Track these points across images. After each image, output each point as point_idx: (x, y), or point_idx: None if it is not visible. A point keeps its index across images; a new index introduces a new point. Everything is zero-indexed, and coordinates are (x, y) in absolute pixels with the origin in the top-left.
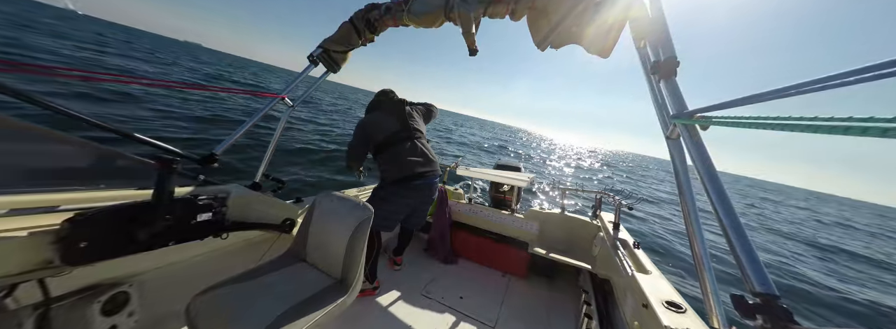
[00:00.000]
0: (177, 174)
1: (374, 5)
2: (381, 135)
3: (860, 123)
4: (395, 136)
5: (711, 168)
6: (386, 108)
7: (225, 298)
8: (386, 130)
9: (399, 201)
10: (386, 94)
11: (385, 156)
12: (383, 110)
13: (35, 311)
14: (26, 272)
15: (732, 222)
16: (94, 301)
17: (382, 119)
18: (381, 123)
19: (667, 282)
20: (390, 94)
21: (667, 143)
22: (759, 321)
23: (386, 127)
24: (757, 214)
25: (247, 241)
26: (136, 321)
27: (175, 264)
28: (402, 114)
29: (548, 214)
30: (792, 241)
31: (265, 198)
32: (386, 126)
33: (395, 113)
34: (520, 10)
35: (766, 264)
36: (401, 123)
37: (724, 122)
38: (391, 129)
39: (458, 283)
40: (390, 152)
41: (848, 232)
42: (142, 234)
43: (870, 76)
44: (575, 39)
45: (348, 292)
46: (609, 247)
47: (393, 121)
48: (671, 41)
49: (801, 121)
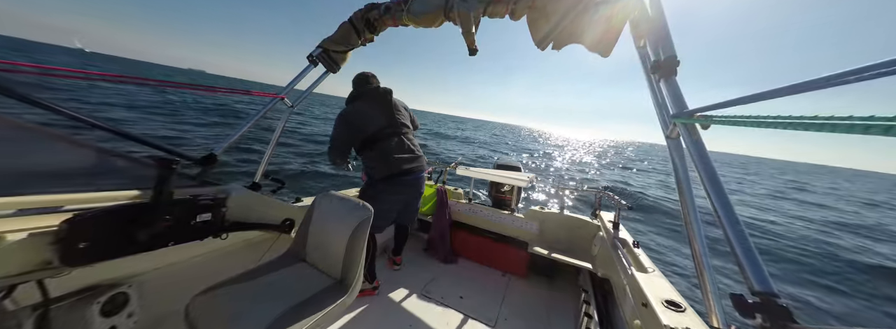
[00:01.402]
0: (176, 174)
1: (373, 5)
2: (368, 129)
3: (862, 122)
4: (381, 131)
5: (711, 167)
6: (370, 98)
7: (224, 299)
8: (372, 125)
9: (390, 199)
10: (367, 80)
11: (372, 153)
12: (366, 101)
13: (34, 311)
14: (25, 273)
15: (732, 221)
16: (93, 302)
17: (367, 112)
18: (366, 117)
19: (666, 281)
20: (372, 80)
21: (667, 143)
22: (758, 320)
23: (372, 121)
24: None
25: (246, 241)
26: (136, 322)
27: (175, 265)
28: (389, 106)
29: (547, 214)
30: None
31: (265, 198)
32: (372, 120)
33: (381, 105)
34: (519, 9)
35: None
36: (387, 118)
37: (724, 122)
38: (378, 124)
39: (458, 283)
40: (377, 149)
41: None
42: (141, 235)
43: (870, 75)
44: (575, 39)
45: (348, 292)
46: (609, 246)
47: (378, 114)
48: (671, 40)
49: (801, 119)
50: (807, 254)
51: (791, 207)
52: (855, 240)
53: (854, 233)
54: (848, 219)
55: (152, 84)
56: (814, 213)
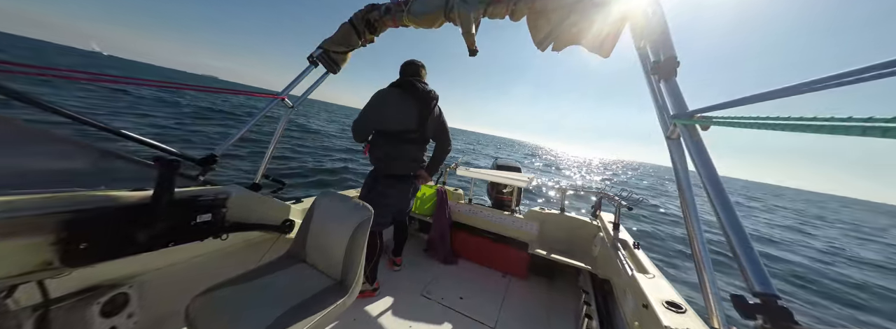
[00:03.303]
0: (177, 175)
1: (373, 6)
2: (392, 123)
3: (860, 123)
4: (405, 133)
5: (712, 168)
6: (410, 94)
7: (224, 299)
8: (400, 122)
9: (392, 193)
10: (416, 71)
11: (388, 149)
12: (405, 92)
13: (34, 312)
14: (26, 273)
15: (732, 222)
16: (93, 302)
17: (400, 104)
18: (396, 109)
19: (667, 282)
20: (420, 72)
21: (667, 144)
22: (759, 321)
23: (400, 117)
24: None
25: (246, 241)
26: (136, 322)
27: (175, 265)
28: (427, 114)
29: (547, 215)
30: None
31: (265, 198)
32: (401, 116)
33: (418, 108)
34: (520, 10)
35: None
36: (418, 123)
37: (724, 123)
38: (405, 126)
39: (458, 284)
40: (392, 146)
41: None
42: (141, 235)
43: (870, 76)
44: (575, 40)
45: (348, 293)
46: (609, 247)
47: (412, 114)
48: (671, 41)
49: (800, 121)
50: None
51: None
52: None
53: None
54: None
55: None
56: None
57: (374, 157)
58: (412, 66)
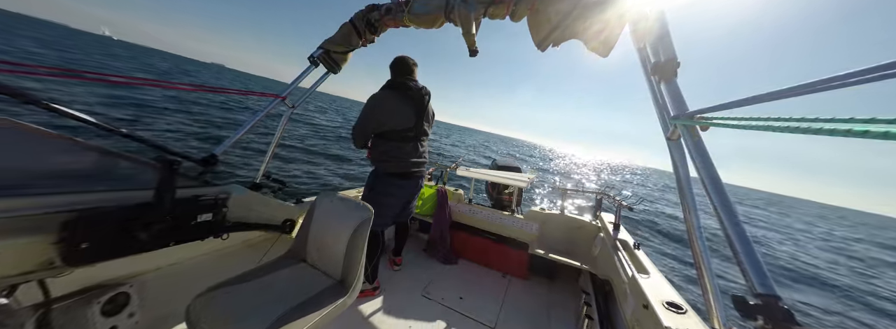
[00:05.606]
0: (177, 175)
1: (374, 6)
2: (391, 125)
3: (861, 125)
4: (405, 132)
5: (712, 169)
6: (405, 93)
7: (225, 299)
8: (398, 123)
9: (397, 192)
10: (410, 71)
11: (386, 147)
12: (402, 94)
13: (36, 311)
14: (27, 273)
15: (733, 223)
16: (94, 302)
17: (398, 107)
18: (395, 112)
19: (667, 282)
20: (414, 71)
21: (667, 144)
22: (759, 322)
23: (399, 118)
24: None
25: (247, 241)
26: (136, 322)
27: (175, 265)
28: (422, 109)
29: (548, 215)
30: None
31: (265, 198)
32: (399, 117)
33: (415, 106)
34: (520, 11)
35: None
36: (416, 121)
37: (724, 124)
38: (404, 124)
39: (458, 284)
40: (394, 146)
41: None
42: (142, 235)
43: (872, 77)
44: (575, 39)
45: (348, 293)
46: (609, 247)
47: (409, 114)
48: (671, 42)
49: (801, 122)
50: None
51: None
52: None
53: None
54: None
55: (157, 86)
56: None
57: (375, 157)
58: (405, 65)
